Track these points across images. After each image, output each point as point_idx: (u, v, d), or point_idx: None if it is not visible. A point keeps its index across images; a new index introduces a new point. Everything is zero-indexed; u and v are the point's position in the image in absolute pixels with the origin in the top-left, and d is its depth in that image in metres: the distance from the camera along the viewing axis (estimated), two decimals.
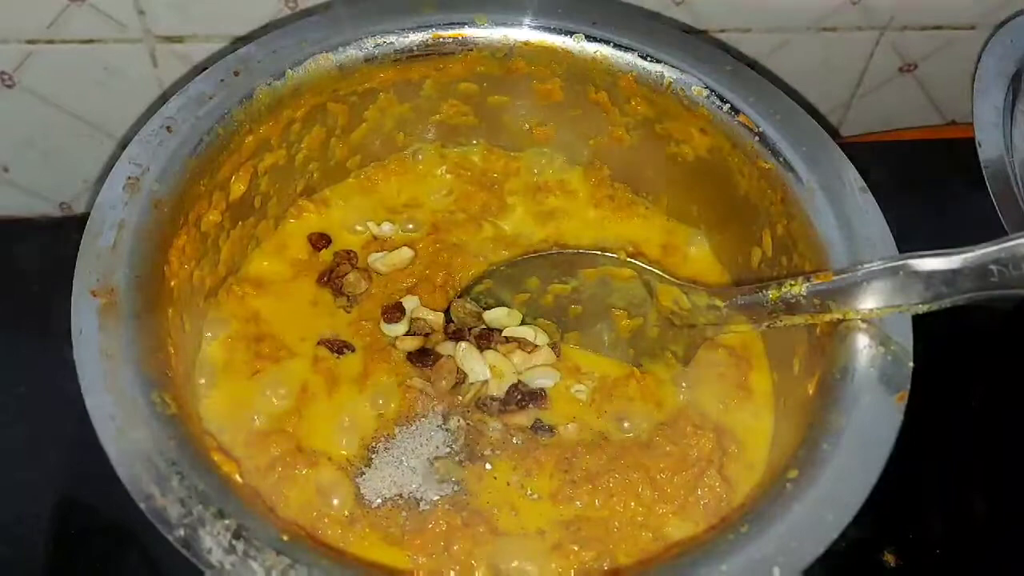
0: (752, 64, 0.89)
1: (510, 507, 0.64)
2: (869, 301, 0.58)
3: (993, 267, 0.52)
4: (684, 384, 0.69)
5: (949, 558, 0.72)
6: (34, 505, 0.72)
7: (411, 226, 0.77)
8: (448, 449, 0.66)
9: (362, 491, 0.63)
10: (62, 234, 0.62)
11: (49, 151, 0.86)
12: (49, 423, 0.73)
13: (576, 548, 0.61)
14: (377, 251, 0.75)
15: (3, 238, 0.87)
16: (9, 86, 0.81)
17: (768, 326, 0.63)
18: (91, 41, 0.79)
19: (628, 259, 0.70)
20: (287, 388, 0.67)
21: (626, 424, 0.68)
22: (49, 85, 0.81)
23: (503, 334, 0.71)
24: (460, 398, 0.68)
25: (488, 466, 0.65)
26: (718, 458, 0.65)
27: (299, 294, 0.72)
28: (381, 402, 0.67)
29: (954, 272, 0.54)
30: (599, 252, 0.71)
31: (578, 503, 0.63)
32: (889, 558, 0.71)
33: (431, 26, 0.72)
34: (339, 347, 0.69)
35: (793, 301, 0.60)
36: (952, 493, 0.76)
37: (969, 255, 0.53)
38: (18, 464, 0.73)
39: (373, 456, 0.65)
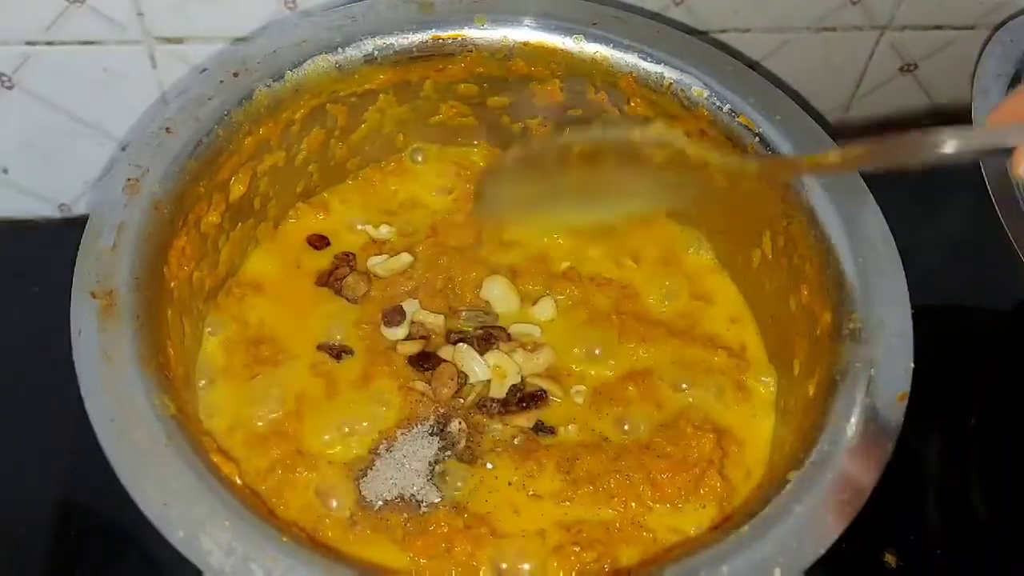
0: (752, 64, 0.89)
1: (511, 508, 0.63)
2: None
3: None
4: (684, 385, 0.69)
5: (949, 558, 0.72)
6: (34, 506, 0.72)
7: (410, 228, 0.77)
8: (449, 452, 0.66)
9: (363, 493, 0.63)
10: (62, 236, 0.62)
11: (49, 153, 0.85)
12: (49, 424, 0.73)
13: (577, 549, 0.61)
14: (376, 254, 0.74)
15: (3, 239, 0.87)
16: (8, 87, 0.81)
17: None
18: (90, 42, 0.79)
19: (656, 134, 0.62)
20: (286, 391, 0.67)
21: (626, 426, 0.68)
22: (48, 86, 0.81)
23: (507, 331, 0.71)
24: (462, 400, 0.68)
25: (489, 466, 0.65)
26: (718, 459, 0.65)
27: (298, 296, 0.72)
28: (382, 406, 0.67)
29: None
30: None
31: (579, 504, 0.63)
32: (889, 558, 0.71)
33: (430, 27, 0.72)
34: (338, 351, 0.69)
35: None
36: (952, 493, 0.76)
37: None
38: (18, 465, 0.73)
39: (375, 458, 0.65)
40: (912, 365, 0.58)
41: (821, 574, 0.53)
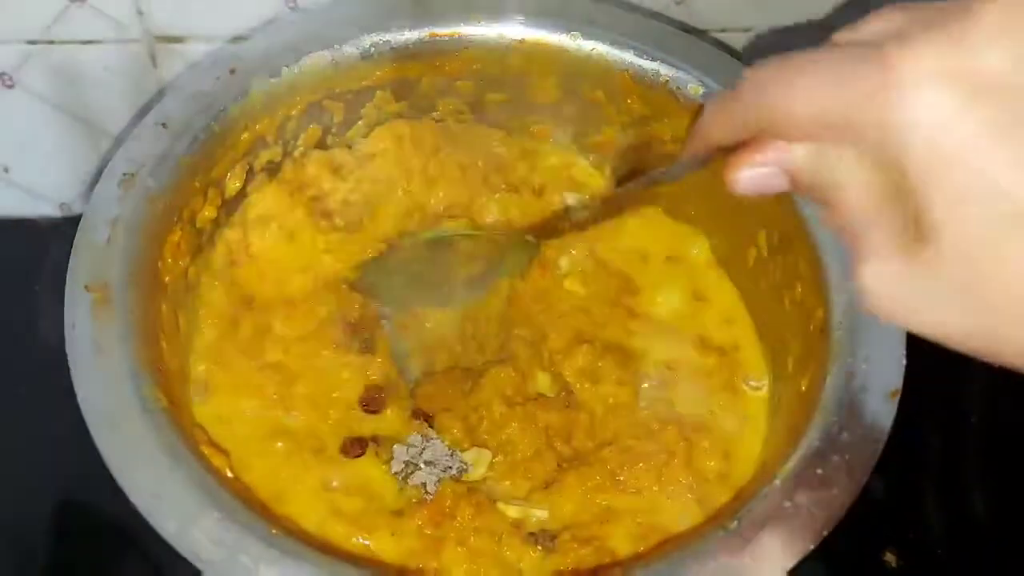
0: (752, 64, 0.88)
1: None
2: None
3: None
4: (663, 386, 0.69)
5: (949, 558, 0.71)
6: (33, 505, 0.72)
7: None
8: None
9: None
10: (62, 234, 0.62)
11: (49, 151, 0.86)
12: (49, 423, 0.73)
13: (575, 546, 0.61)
14: None
15: (3, 239, 0.87)
16: (9, 86, 0.81)
17: None
18: (91, 42, 0.79)
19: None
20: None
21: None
22: (49, 85, 0.82)
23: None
24: None
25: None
26: (684, 451, 0.64)
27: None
28: None
29: None
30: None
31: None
32: (889, 558, 0.71)
33: (427, 24, 0.72)
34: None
35: None
36: (952, 493, 0.75)
37: None
38: (18, 464, 0.74)
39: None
40: (904, 360, 0.58)
41: (820, 573, 0.53)
